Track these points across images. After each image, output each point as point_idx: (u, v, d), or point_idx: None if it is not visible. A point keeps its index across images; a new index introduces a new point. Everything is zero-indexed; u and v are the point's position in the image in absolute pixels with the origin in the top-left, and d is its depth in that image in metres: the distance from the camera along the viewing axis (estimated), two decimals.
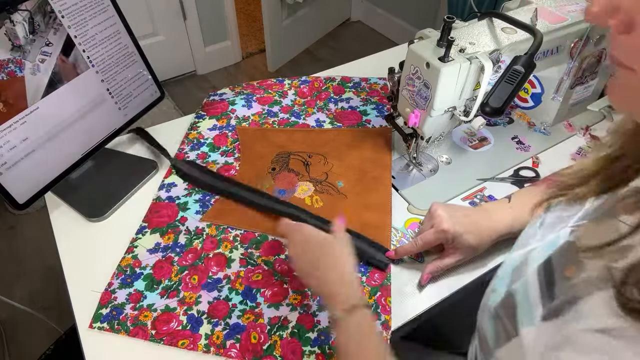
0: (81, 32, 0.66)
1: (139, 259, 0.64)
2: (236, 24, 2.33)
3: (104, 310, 0.58)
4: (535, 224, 0.46)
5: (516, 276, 0.42)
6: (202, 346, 0.55)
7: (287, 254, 0.64)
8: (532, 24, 0.64)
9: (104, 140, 0.75)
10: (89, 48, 0.68)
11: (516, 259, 0.45)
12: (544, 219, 0.45)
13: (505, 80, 0.58)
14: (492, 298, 0.45)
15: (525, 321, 0.37)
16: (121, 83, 0.74)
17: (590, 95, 0.83)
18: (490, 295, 0.46)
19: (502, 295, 0.43)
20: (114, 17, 0.70)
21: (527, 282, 0.39)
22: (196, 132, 0.85)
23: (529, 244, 0.44)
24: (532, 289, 0.37)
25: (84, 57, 0.68)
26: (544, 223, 0.45)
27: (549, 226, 0.43)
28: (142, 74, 0.77)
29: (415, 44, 0.64)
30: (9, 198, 0.63)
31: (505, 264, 0.47)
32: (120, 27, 0.72)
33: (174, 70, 2.32)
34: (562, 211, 0.43)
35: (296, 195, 0.73)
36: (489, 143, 0.82)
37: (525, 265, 0.42)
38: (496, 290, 0.45)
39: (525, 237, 0.47)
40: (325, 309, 0.58)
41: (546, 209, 0.46)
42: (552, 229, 0.42)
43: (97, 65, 0.70)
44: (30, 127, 0.63)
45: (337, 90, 0.94)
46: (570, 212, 0.41)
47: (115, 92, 0.73)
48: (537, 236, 0.44)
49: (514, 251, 0.47)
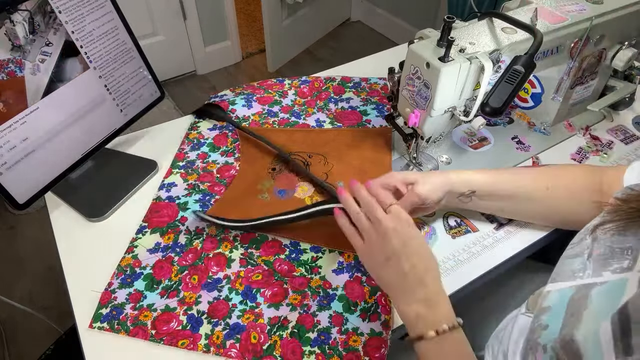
0: (79, 28, 0.66)
1: (139, 259, 0.64)
2: (236, 24, 2.33)
3: (104, 310, 0.58)
4: (583, 255, 0.43)
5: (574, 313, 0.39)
6: (202, 346, 0.55)
7: (286, 254, 0.64)
8: (532, 24, 0.64)
9: (104, 140, 0.75)
10: (86, 44, 0.68)
11: (567, 291, 0.41)
12: (592, 249, 0.42)
13: (505, 80, 0.58)
14: (545, 336, 0.41)
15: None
16: (119, 79, 0.74)
17: (590, 95, 0.83)
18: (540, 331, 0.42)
19: (558, 334, 0.39)
20: (111, 12, 0.70)
21: (597, 331, 0.35)
22: (196, 132, 0.85)
23: (578, 276, 0.41)
24: (604, 339, 0.34)
25: (83, 55, 0.68)
26: (592, 254, 0.42)
27: (600, 259, 0.40)
28: (140, 71, 0.77)
29: (415, 44, 0.64)
30: (9, 198, 0.63)
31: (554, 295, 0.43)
32: (118, 23, 0.72)
33: (174, 70, 2.32)
34: (612, 242, 0.40)
35: (296, 195, 0.73)
36: (489, 143, 0.82)
37: (585, 301, 0.38)
38: (549, 327, 0.41)
39: (571, 269, 0.43)
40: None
41: (593, 239, 0.43)
42: (604, 264, 0.39)
43: (95, 62, 0.70)
44: (30, 127, 0.63)
45: (337, 90, 0.94)
46: (623, 245, 0.39)
47: (113, 89, 0.73)
48: (588, 270, 0.41)
49: (559, 282, 0.44)
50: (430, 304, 0.48)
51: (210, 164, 0.79)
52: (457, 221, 0.69)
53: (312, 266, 0.63)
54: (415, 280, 0.49)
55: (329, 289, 0.61)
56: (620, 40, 0.76)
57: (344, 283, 0.61)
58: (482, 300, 0.76)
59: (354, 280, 0.61)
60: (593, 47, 0.73)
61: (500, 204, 0.64)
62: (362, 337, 0.56)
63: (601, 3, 0.71)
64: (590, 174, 0.61)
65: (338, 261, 0.64)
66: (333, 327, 0.57)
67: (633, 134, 0.83)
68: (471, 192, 0.62)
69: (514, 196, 0.62)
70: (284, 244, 0.66)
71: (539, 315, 0.44)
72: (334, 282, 0.61)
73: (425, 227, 0.68)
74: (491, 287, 0.75)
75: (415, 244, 0.50)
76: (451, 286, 0.61)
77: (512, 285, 0.76)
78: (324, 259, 0.64)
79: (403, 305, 0.49)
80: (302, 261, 0.64)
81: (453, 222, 0.69)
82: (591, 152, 0.80)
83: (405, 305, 0.49)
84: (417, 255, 0.50)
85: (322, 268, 0.63)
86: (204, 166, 0.78)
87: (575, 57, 0.73)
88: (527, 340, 0.45)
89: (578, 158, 0.79)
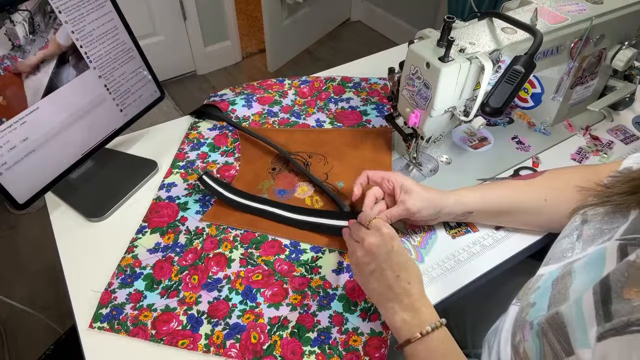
0: (79, 28, 0.66)
1: (139, 259, 0.64)
2: (236, 24, 2.33)
3: (104, 310, 0.58)
4: (572, 236, 0.44)
5: (560, 290, 0.40)
6: (202, 346, 0.55)
7: (286, 254, 0.65)
8: (532, 24, 0.64)
9: (104, 140, 0.75)
10: (86, 44, 0.68)
11: (555, 272, 0.43)
12: (581, 231, 0.43)
13: (505, 80, 0.58)
14: (532, 313, 0.43)
15: (580, 341, 0.35)
16: (119, 79, 0.74)
17: (590, 95, 0.83)
18: (528, 309, 0.44)
19: (546, 310, 0.41)
20: (111, 12, 0.70)
21: (580, 302, 0.37)
22: (196, 132, 0.85)
23: (566, 257, 0.43)
24: (586, 309, 0.35)
25: (83, 55, 0.68)
26: (582, 236, 0.43)
27: (589, 239, 0.41)
28: (140, 71, 0.77)
29: (415, 44, 0.64)
30: (9, 198, 0.63)
31: (543, 277, 0.45)
32: (118, 23, 0.72)
33: (174, 70, 2.32)
34: (602, 224, 0.41)
35: (296, 195, 0.73)
36: (489, 143, 0.82)
37: (570, 277, 0.39)
38: (536, 304, 0.43)
39: (561, 250, 0.45)
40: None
41: (582, 221, 0.44)
42: (592, 242, 0.40)
43: (95, 61, 0.69)
44: (30, 127, 0.63)
45: (337, 90, 0.94)
46: (612, 225, 0.40)
47: (113, 89, 0.73)
48: (576, 249, 0.42)
49: (551, 264, 0.45)
50: (415, 309, 0.50)
51: (210, 164, 0.79)
52: None
53: (312, 266, 0.63)
54: (399, 290, 0.51)
55: (329, 289, 0.61)
56: (620, 40, 0.76)
57: (344, 283, 0.61)
58: (483, 300, 0.76)
59: (354, 280, 0.61)
60: (593, 47, 0.73)
61: (499, 220, 0.65)
62: (362, 337, 0.56)
63: (601, 3, 0.71)
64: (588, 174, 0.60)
65: (338, 261, 0.64)
66: (333, 327, 0.57)
67: (633, 134, 0.83)
68: (467, 213, 0.63)
69: (512, 212, 0.63)
70: (284, 244, 0.66)
71: (528, 295, 0.45)
72: (334, 282, 0.61)
73: (425, 227, 0.68)
74: (491, 287, 0.75)
75: (396, 255, 0.52)
76: (451, 286, 0.61)
77: (512, 284, 0.76)
78: (324, 259, 0.64)
79: (390, 315, 0.51)
80: (302, 261, 0.64)
81: (453, 222, 0.69)
82: (591, 152, 0.80)
83: (392, 315, 0.51)
84: (399, 265, 0.52)
85: (322, 268, 0.63)
86: (204, 166, 0.78)
87: (575, 57, 0.73)
88: (516, 320, 0.46)
89: (578, 158, 0.79)
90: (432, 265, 0.64)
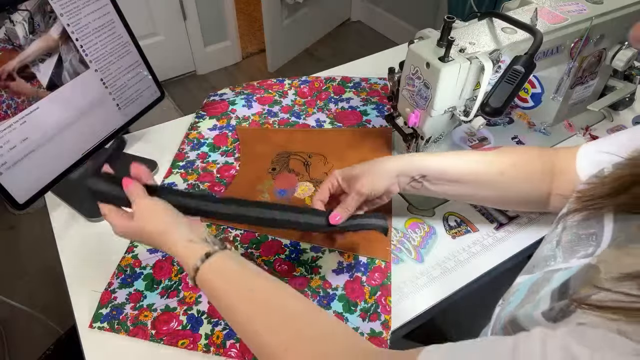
0: (74, 21, 0.66)
1: (139, 259, 0.64)
2: (236, 24, 2.33)
3: (104, 310, 0.58)
4: (552, 242, 0.45)
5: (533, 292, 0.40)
6: (202, 346, 0.55)
7: (286, 254, 0.64)
8: (532, 24, 0.64)
9: (104, 140, 0.75)
10: (82, 37, 0.67)
11: (535, 277, 0.43)
12: (561, 237, 0.43)
13: (505, 80, 0.58)
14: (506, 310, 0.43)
15: None
16: (115, 73, 0.74)
17: (590, 95, 0.83)
18: (504, 308, 0.44)
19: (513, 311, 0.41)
20: (107, 5, 0.70)
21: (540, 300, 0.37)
22: (196, 132, 0.85)
23: (548, 265, 0.43)
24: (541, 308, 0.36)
25: (78, 48, 0.67)
26: (561, 242, 0.43)
27: (568, 247, 0.42)
28: (137, 66, 0.77)
29: (415, 44, 0.64)
30: (9, 198, 0.62)
31: (523, 283, 0.45)
32: (114, 17, 0.71)
33: (174, 70, 2.32)
34: (578, 229, 0.41)
35: (296, 195, 0.73)
36: (489, 143, 0.82)
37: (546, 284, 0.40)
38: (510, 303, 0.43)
39: (542, 257, 0.45)
40: None
41: (563, 228, 0.44)
42: (571, 251, 0.40)
43: (90, 55, 0.69)
44: (30, 127, 0.63)
45: (338, 90, 0.94)
46: (588, 230, 0.40)
47: (109, 83, 0.73)
48: (558, 258, 0.42)
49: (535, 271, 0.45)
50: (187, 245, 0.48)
51: (210, 164, 0.79)
52: (457, 221, 0.69)
53: (312, 266, 0.63)
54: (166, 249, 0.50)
55: (329, 289, 0.61)
56: (620, 40, 0.76)
57: (344, 283, 0.61)
58: (483, 300, 0.76)
59: (354, 280, 0.61)
60: (593, 47, 0.73)
61: (452, 189, 0.62)
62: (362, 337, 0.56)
63: (601, 3, 0.71)
64: (543, 156, 0.60)
65: (338, 261, 0.64)
66: None
67: None
68: (421, 177, 0.60)
69: (467, 181, 0.60)
70: (284, 244, 0.66)
71: (507, 297, 0.46)
72: (334, 282, 0.61)
73: (425, 227, 0.68)
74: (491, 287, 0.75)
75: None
76: (451, 286, 0.61)
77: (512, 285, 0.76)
78: (324, 259, 0.64)
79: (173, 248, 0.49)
80: (302, 261, 0.64)
81: (453, 222, 0.69)
82: None
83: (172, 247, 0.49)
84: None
85: (322, 268, 0.63)
86: (204, 166, 0.78)
87: (575, 57, 0.73)
88: (494, 320, 0.46)
89: None
90: (432, 265, 0.64)
